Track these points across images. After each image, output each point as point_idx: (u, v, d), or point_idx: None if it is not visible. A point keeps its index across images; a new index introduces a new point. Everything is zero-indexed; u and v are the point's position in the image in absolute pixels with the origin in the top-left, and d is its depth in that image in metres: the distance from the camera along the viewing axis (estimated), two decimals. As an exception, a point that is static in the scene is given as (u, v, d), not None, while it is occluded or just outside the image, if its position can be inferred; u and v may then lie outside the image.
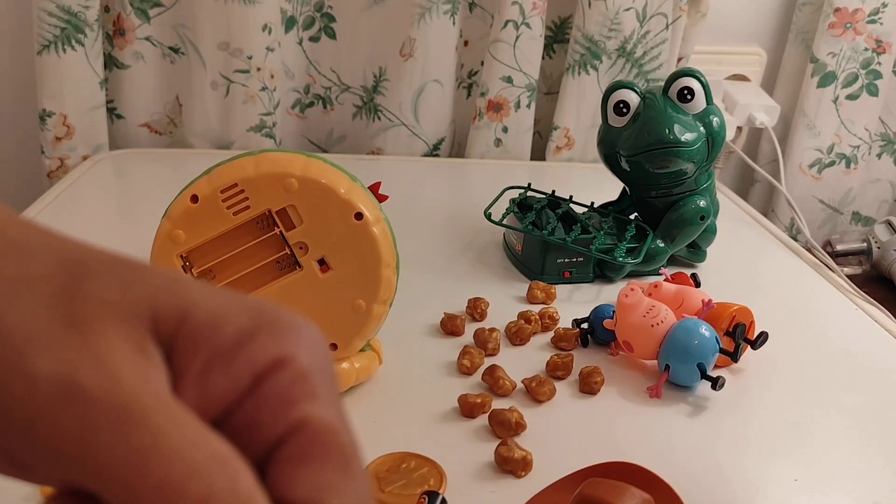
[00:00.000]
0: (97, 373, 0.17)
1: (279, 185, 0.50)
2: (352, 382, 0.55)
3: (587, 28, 1.06)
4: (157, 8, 1.01)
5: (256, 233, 0.51)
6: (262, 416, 0.19)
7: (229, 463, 0.17)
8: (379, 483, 0.46)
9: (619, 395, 0.58)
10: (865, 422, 0.57)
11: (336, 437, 0.20)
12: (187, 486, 0.16)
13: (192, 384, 0.19)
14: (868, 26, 1.12)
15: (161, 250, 0.51)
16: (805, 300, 0.77)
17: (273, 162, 0.50)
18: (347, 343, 0.53)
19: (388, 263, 0.53)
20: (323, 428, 0.20)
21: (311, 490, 0.19)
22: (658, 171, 0.72)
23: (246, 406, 0.19)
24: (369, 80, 1.10)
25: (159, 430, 0.17)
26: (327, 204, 0.51)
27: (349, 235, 0.51)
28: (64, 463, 0.17)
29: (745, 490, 0.49)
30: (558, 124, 1.12)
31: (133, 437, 0.16)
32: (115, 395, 0.17)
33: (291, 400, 0.19)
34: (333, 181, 0.51)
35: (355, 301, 0.52)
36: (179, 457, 0.17)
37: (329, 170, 0.52)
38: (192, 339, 0.19)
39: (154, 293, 0.19)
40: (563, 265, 0.74)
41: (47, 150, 1.01)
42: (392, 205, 0.69)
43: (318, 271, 0.52)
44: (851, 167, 1.21)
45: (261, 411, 0.19)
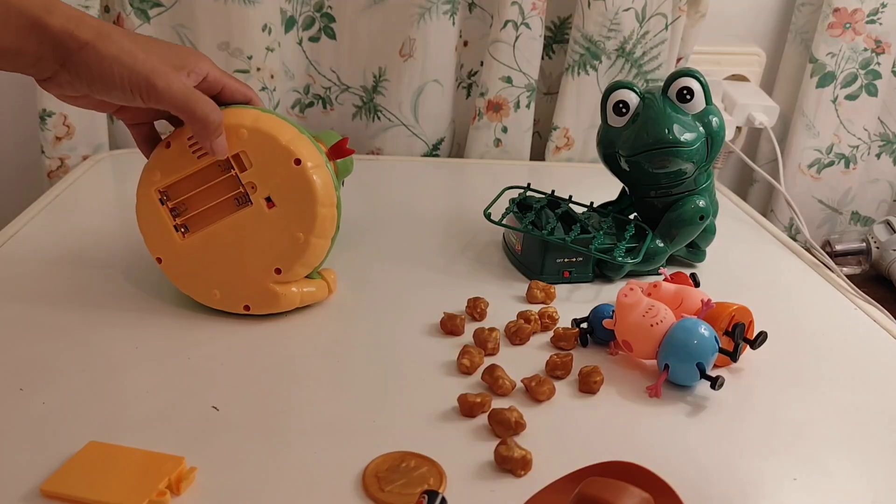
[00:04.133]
0: (181, 84, 0.56)
1: (233, 134, 0.60)
2: (297, 304, 0.64)
3: (586, 28, 1.06)
4: (157, 8, 1.01)
5: (218, 174, 0.62)
6: (237, 98, 0.63)
7: (214, 103, 0.58)
8: (379, 482, 0.46)
9: (618, 395, 0.58)
10: (864, 422, 0.57)
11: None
12: (212, 112, 0.58)
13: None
14: (867, 26, 1.12)
15: (143, 187, 0.62)
16: (804, 300, 0.77)
17: (231, 114, 0.61)
18: (289, 269, 0.62)
19: (325, 203, 0.61)
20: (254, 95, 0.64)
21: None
22: (657, 171, 0.73)
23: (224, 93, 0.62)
24: (369, 80, 1.10)
25: (197, 97, 0.57)
26: (272, 150, 0.60)
27: (290, 178, 0.61)
28: (168, 100, 0.56)
29: (744, 489, 0.49)
30: (558, 124, 1.12)
31: (191, 100, 0.57)
32: (184, 90, 0.56)
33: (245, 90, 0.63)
34: (278, 131, 0.61)
35: (295, 234, 0.61)
36: (207, 103, 0.57)
37: (277, 122, 0.61)
38: (199, 74, 0.59)
39: (181, 63, 0.58)
40: (563, 265, 0.74)
41: (47, 150, 1.01)
42: (392, 205, 0.69)
43: (265, 207, 0.61)
44: (850, 167, 1.21)
45: (235, 96, 0.63)
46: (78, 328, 0.61)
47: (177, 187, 0.62)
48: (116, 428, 0.50)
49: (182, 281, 0.64)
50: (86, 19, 0.54)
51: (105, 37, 0.53)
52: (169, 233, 0.62)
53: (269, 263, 0.62)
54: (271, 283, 0.62)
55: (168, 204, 0.62)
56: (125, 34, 0.55)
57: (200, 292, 0.64)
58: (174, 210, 0.62)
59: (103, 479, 0.45)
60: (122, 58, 0.54)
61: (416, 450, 0.49)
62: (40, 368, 0.56)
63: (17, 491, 0.44)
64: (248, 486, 0.46)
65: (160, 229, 0.62)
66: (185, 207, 0.63)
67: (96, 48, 0.53)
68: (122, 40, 0.54)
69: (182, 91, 0.56)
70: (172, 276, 0.64)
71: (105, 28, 0.54)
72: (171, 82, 0.55)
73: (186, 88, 0.56)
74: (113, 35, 0.54)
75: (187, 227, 0.63)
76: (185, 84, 0.56)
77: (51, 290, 0.67)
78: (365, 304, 0.68)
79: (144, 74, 0.54)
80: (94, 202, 0.89)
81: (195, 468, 0.46)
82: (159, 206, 0.62)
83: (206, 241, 0.62)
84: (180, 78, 0.56)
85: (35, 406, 0.52)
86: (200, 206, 0.62)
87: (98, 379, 0.56)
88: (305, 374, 0.58)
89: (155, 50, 0.56)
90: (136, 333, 0.61)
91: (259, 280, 0.62)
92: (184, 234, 0.62)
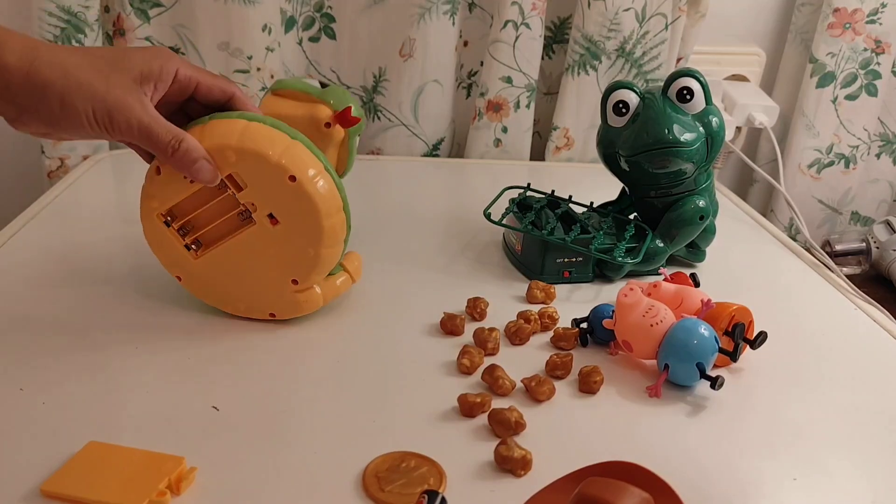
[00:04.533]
0: (138, 119, 0.53)
1: (220, 157, 0.56)
2: (321, 304, 0.63)
3: (586, 28, 1.06)
4: (157, 8, 1.01)
5: (216, 193, 0.59)
6: (215, 94, 0.58)
7: (181, 131, 0.54)
8: (379, 482, 0.46)
9: (618, 395, 0.58)
10: (864, 422, 0.57)
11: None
12: (178, 143, 0.54)
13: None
14: (867, 26, 1.12)
15: (144, 214, 0.60)
16: (804, 300, 0.77)
17: (215, 132, 0.56)
18: (305, 279, 0.61)
19: (331, 213, 0.59)
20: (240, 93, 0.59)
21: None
22: (657, 171, 0.73)
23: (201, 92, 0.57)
24: (369, 80, 1.10)
25: (157, 131, 0.53)
26: (263, 169, 0.57)
27: (288, 195, 0.57)
28: (129, 136, 0.53)
29: (744, 489, 0.49)
30: (558, 124, 1.12)
31: (152, 136, 0.54)
32: (142, 125, 0.53)
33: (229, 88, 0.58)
34: (267, 146, 0.56)
35: (305, 249, 0.59)
36: (168, 134, 0.54)
37: (265, 134, 0.57)
38: (166, 81, 0.55)
39: (145, 71, 0.53)
40: (563, 265, 0.74)
41: (47, 150, 1.01)
42: (392, 205, 0.69)
43: (269, 224, 0.59)
44: (850, 167, 1.21)
45: (213, 91, 0.58)
46: (78, 328, 0.61)
47: (179, 208, 0.60)
48: (116, 428, 0.50)
49: (204, 295, 0.64)
50: (10, 41, 0.49)
51: (39, 59, 0.49)
52: (181, 253, 0.61)
53: (284, 276, 0.61)
54: (291, 293, 0.62)
55: (174, 225, 0.60)
56: (66, 52, 0.51)
57: (225, 304, 0.64)
58: (182, 229, 0.61)
59: (103, 479, 0.45)
60: (73, 88, 0.50)
61: (416, 450, 0.49)
62: (40, 368, 0.56)
63: (17, 491, 0.44)
64: (248, 486, 0.46)
65: (172, 250, 0.61)
66: (191, 226, 0.61)
67: (30, 75, 0.49)
68: (65, 60, 0.50)
69: (140, 126, 0.52)
70: (194, 292, 0.64)
71: (39, 50, 0.50)
72: (130, 117, 0.52)
73: (144, 123, 0.52)
74: (51, 55, 0.50)
75: (199, 242, 0.61)
76: (142, 117, 0.52)
77: (51, 290, 0.67)
78: (365, 304, 0.68)
79: (105, 110, 0.51)
80: (94, 202, 0.89)
81: (195, 468, 0.46)
82: (165, 228, 0.60)
83: (219, 259, 0.61)
84: (140, 106, 0.52)
85: (35, 406, 0.52)
86: (206, 223, 0.60)
87: (98, 379, 0.56)
88: (305, 373, 0.58)
89: (106, 61, 0.52)
90: (136, 333, 0.61)
91: (278, 291, 0.62)
92: (196, 252, 0.61)
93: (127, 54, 0.53)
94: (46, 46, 0.51)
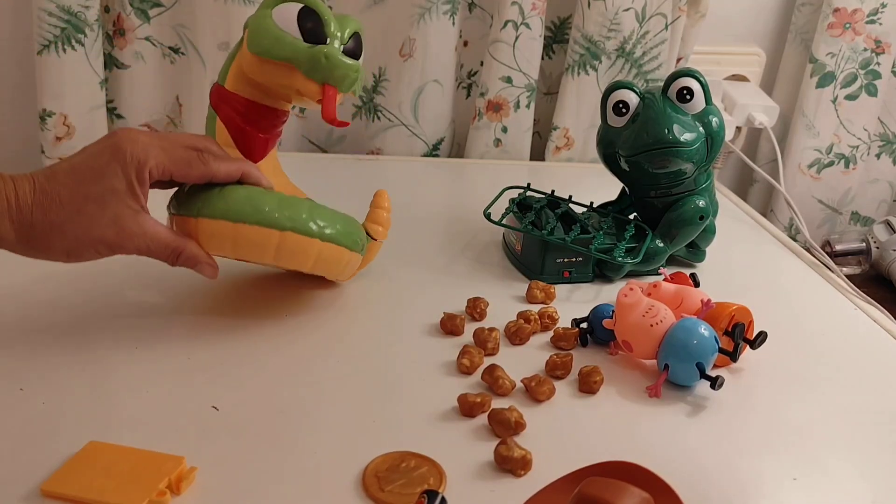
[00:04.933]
0: (133, 244, 0.55)
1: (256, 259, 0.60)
2: (354, 271, 0.67)
3: (586, 28, 1.06)
4: (157, 8, 1.01)
5: None
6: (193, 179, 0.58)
7: (179, 241, 0.57)
8: (379, 482, 0.46)
9: (618, 395, 0.58)
10: (864, 422, 0.57)
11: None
12: (167, 252, 0.57)
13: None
14: (867, 26, 1.12)
15: None
16: (804, 300, 0.77)
17: (244, 246, 0.58)
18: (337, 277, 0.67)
19: (342, 272, 0.63)
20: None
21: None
22: (657, 171, 0.73)
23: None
24: (369, 80, 1.10)
25: (152, 231, 0.55)
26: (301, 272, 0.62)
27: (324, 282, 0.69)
28: (135, 254, 0.56)
29: (744, 489, 0.49)
30: (558, 124, 1.12)
31: (149, 249, 0.56)
32: (141, 247, 0.55)
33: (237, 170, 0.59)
34: (301, 264, 0.60)
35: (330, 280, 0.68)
36: (165, 243, 0.56)
37: (299, 250, 0.58)
38: (143, 179, 0.55)
39: (125, 181, 0.54)
40: (563, 265, 0.74)
41: (47, 150, 1.01)
42: (392, 205, 0.69)
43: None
44: (850, 167, 1.21)
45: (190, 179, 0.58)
46: (78, 328, 0.61)
47: None
48: (116, 428, 0.50)
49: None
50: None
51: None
52: None
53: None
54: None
55: None
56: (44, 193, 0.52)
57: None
58: None
59: (103, 479, 0.45)
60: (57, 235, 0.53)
61: (416, 450, 0.49)
62: (40, 368, 0.56)
63: (17, 491, 0.44)
64: (248, 486, 0.46)
65: None
66: None
67: (30, 241, 0.52)
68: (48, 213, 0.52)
69: (140, 249, 0.55)
70: None
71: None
72: (130, 245, 0.55)
73: (143, 246, 0.55)
74: (43, 215, 0.52)
75: None
76: (140, 242, 0.55)
77: (51, 290, 0.67)
78: (365, 303, 0.68)
79: (109, 246, 0.54)
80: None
81: (195, 468, 0.46)
82: None
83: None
84: (136, 227, 0.54)
85: (35, 406, 0.52)
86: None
87: (98, 379, 0.56)
88: (305, 373, 0.58)
89: (92, 198, 0.53)
90: (136, 333, 0.61)
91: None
92: None
93: (106, 173, 0.53)
94: (35, 205, 0.52)
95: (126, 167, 0.53)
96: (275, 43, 0.59)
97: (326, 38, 0.60)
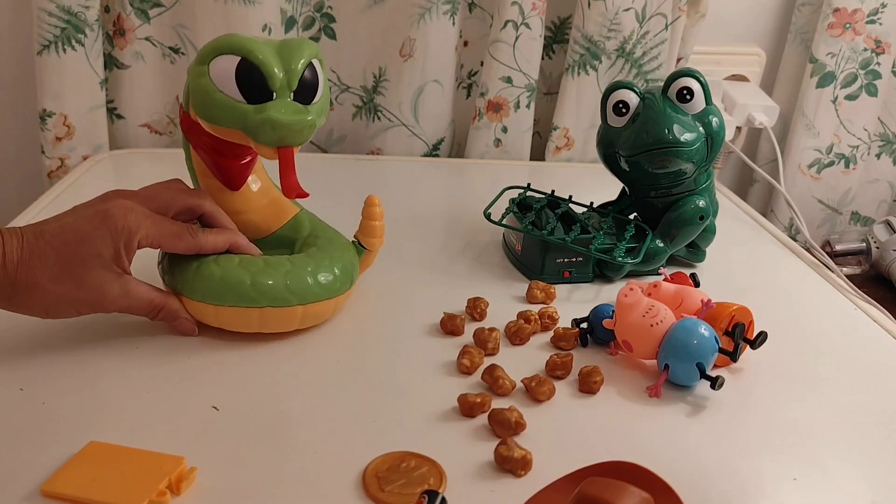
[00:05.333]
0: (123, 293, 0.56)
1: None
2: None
3: (587, 28, 1.06)
4: (157, 8, 1.01)
5: None
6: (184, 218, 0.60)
7: (158, 298, 0.59)
8: (379, 482, 0.46)
9: (618, 395, 0.58)
10: (864, 422, 0.57)
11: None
12: (147, 310, 0.59)
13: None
14: (867, 26, 1.12)
15: None
16: (804, 300, 0.77)
17: (230, 322, 0.60)
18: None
19: (331, 315, 0.64)
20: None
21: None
22: (657, 171, 0.73)
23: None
24: (369, 80, 1.10)
25: (135, 292, 0.57)
26: None
27: None
28: (116, 311, 0.58)
29: (744, 489, 0.49)
30: (558, 124, 1.12)
31: (129, 308, 0.58)
32: (123, 303, 0.57)
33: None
34: (285, 327, 0.61)
35: None
36: (146, 302, 0.58)
37: (281, 319, 0.60)
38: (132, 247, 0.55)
39: (112, 248, 0.54)
40: (563, 265, 0.74)
41: (47, 150, 1.01)
42: (392, 205, 0.69)
43: None
44: (850, 167, 1.21)
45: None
46: (78, 328, 0.61)
47: None
48: (116, 428, 0.50)
49: None
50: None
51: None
52: None
53: None
54: None
55: None
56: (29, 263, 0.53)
57: None
58: None
59: (103, 479, 0.45)
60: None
61: (416, 450, 0.49)
62: (40, 368, 0.56)
63: (17, 491, 0.44)
64: (248, 486, 0.46)
65: None
66: None
67: (12, 299, 0.53)
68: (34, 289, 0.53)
69: (121, 308, 0.57)
70: None
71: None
72: (110, 305, 0.56)
73: (123, 306, 0.57)
74: (27, 275, 0.52)
75: None
76: (121, 302, 0.56)
77: (51, 290, 0.67)
78: (365, 303, 0.68)
79: (90, 306, 0.56)
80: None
81: (195, 468, 0.46)
82: None
83: None
84: (118, 288, 0.55)
85: (35, 406, 0.52)
86: None
87: (98, 379, 0.56)
88: (306, 373, 0.58)
89: (74, 263, 0.53)
90: (136, 333, 0.61)
91: None
92: None
93: (94, 238, 0.54)
94: (21, 263, 0.52)
95: (116, 236, 0.54)
96: (217, 111, 0.56)
97: (272, 93, 0.55)
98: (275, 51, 0.56)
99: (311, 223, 0.67)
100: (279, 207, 0.66)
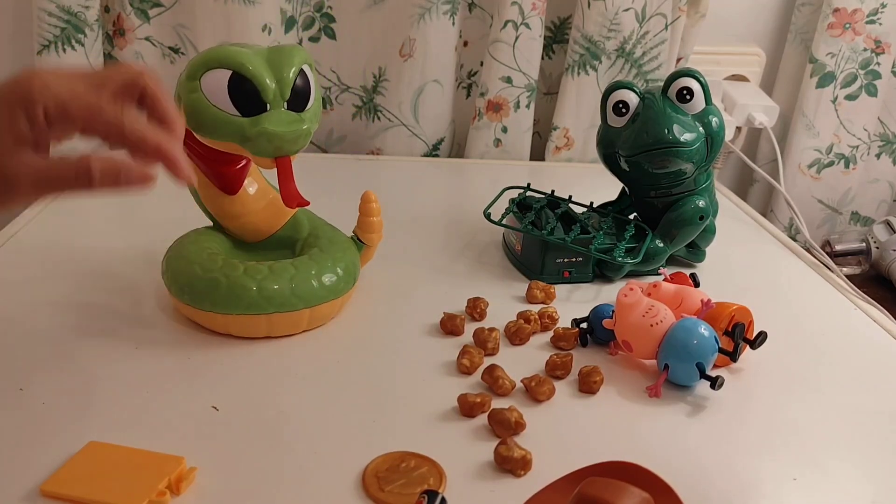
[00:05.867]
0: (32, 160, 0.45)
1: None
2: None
3: (586, 28, 1.06)
4: (157, 8, 1.01)
5: None
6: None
7: (82, 156, 0.45)
8: (379, 482, 0.46)
9: (618, 395, 0.58)
10: (864, 422, 0.57)
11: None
12: (71, 169, 0.45)
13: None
14: (867, 27, 1.12)
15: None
16: (804, 300, 0.77)
17: (240, 329, 0.61)
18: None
19: (338, 311, 0.65)
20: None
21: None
22: (657, 171, 0.73)
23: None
24: (369, 80, 1.10)
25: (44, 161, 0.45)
26: None
27: None
28: (36, 193, 0.45)
29: (744, 489, 0.49)
30: (557, 124, 1.12)
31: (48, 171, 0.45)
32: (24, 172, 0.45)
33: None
34: (293, 329, 0.62)
35: None
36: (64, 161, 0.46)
37: (289, 322, 0.61)
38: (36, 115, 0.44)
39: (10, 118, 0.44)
40: (563, 265, 0.74)
41: (47, 150, 1.01)
42: (392, 205, 0.69)
43: None
44: (850, 167, 1.21)
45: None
46: (78, 328, 0.61)
47: None
48: (116, 428, 0.50)
49: None
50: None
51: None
52: None
53: None
54: None
55: None
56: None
57: None
58: None
59: (103, 479, 0.45)
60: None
61: (416, 450, 0.49)
62: (40, 368, 0.56)
63: (17, 491, 0.44)
64: (248, 486, 0.46)
65: None
66: None
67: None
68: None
69: (32, 183, 0.45)
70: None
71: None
72: (14, 186, 0.44)
73: (41, 170, 0.45)
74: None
75: None
76: (23, 179, 0.44)
77: (51, 290, 0.67)
78: (365, 303, 0.68)
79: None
80: (95, 202, 0.89)
81: (195, 468, 0.46)
82: None
83: None
84: (28, 159, 0.44)
85: (35, 406, 0.52)
86: None
87: (98, 379, 0.56)
88: (305, 373, 0.58)
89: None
90: (136, 333, 0.61)
91: None
92: None
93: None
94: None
95: (14, 104, 0.44)
96: (212, 125, 0.55)
97: (265, 104, 0.55)
98: (265, 61, 0.56)
99: (311, 222, 0.68)
100: (278, 208, 0.66)
